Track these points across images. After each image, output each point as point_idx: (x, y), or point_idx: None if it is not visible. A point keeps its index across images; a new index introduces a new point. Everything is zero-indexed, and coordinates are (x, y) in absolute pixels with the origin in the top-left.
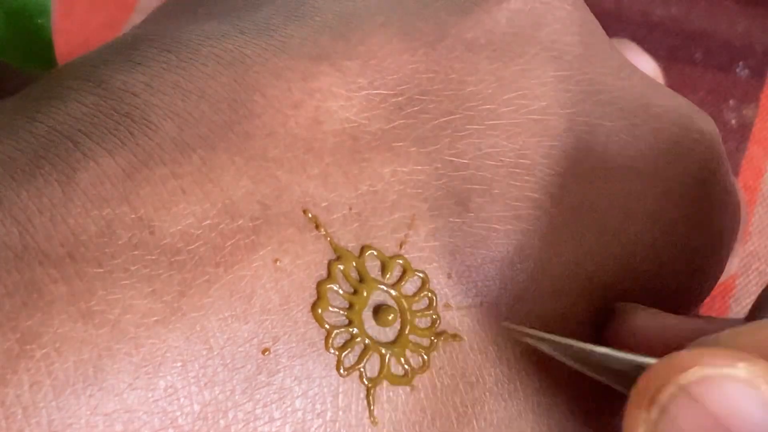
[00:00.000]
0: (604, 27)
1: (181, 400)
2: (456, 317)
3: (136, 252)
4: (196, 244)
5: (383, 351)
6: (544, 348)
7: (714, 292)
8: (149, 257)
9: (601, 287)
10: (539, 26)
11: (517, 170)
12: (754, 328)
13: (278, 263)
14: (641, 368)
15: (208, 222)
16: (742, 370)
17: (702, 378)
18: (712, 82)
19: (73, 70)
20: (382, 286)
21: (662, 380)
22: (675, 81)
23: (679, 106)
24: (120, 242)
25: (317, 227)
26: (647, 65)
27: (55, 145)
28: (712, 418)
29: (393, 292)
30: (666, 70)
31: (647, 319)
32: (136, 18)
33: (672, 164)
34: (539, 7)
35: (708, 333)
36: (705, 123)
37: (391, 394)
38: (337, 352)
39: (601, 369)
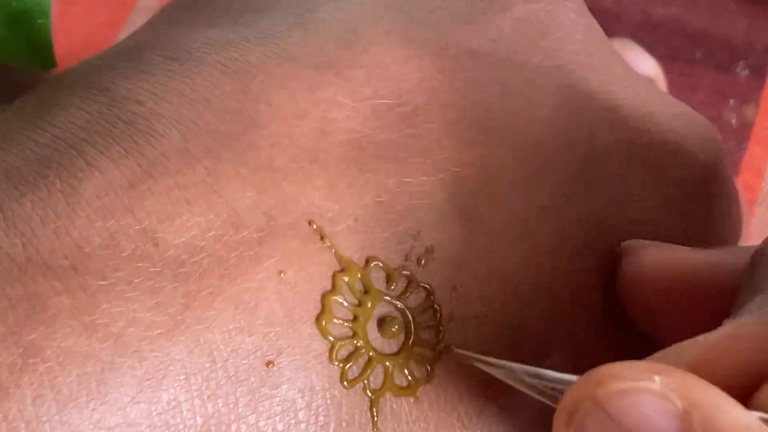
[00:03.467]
0: (604, 27)
1: (185, 413)
2: (461, 329)
3: (140, 264)
4: (201, 256)
5: (387, 363)
6: (492, 372)
7: None
8: (153, 269)
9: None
10: (543, 35)
11: (523, 181)
12: (694, 345)
13: (283, 275)
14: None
15: (212, 233)
16: (656, 383)
17: (616, 392)
18: (712, 82)
19: (77, 76)
20: (386, 298)
21: (581, 395)
22: (675, 81)
23: (681, 114)
24: (124, 254)
25: (322, 239)
26: (648, 65)
27: (59, 154)
28: None
29: (398, 304)
30: (666, 69)
31: (656, 255)
32: (137, 17)
33: (674, 174)
34: (543, 16)
35: (720, 264)
36: (707, 131)
37: (394, 405)
38: (341, 364)
39: (543, 391)
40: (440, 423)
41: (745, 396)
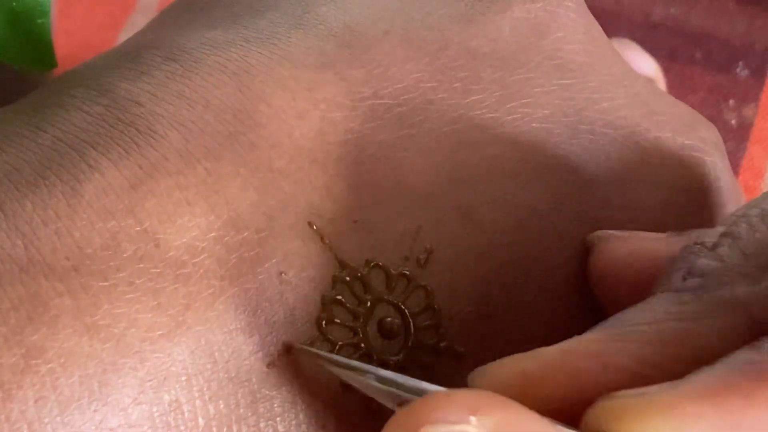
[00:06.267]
0: (604, 27)
1: (186, 414)
2: (461, 330)
3: (141, 265)
4: (201, 257)
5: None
6: (339, 373)
7: None
8: (154, 270)
9: None
10: (543, 34)
11: (521, 179)
12: (513, 362)
13: (283, 276)
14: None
15: (213, 234)
16: (473, 426)
17: None
18: (712, 82)
19: (77, 78)
20: (387, 298)
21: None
22: (675, 81)
23: (682, 113)
24: (125, 255)
25: (322, 240)
26: (648, 65)
27: (60, 156)
28: None
29: (398, 304)
30: (666, 70)
31: (627, 246)
32: (137, 17)
33: (674, 173)
34: (543, 16)
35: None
36: (707, 130)
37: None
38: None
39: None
40: None
41: (576, 416)
